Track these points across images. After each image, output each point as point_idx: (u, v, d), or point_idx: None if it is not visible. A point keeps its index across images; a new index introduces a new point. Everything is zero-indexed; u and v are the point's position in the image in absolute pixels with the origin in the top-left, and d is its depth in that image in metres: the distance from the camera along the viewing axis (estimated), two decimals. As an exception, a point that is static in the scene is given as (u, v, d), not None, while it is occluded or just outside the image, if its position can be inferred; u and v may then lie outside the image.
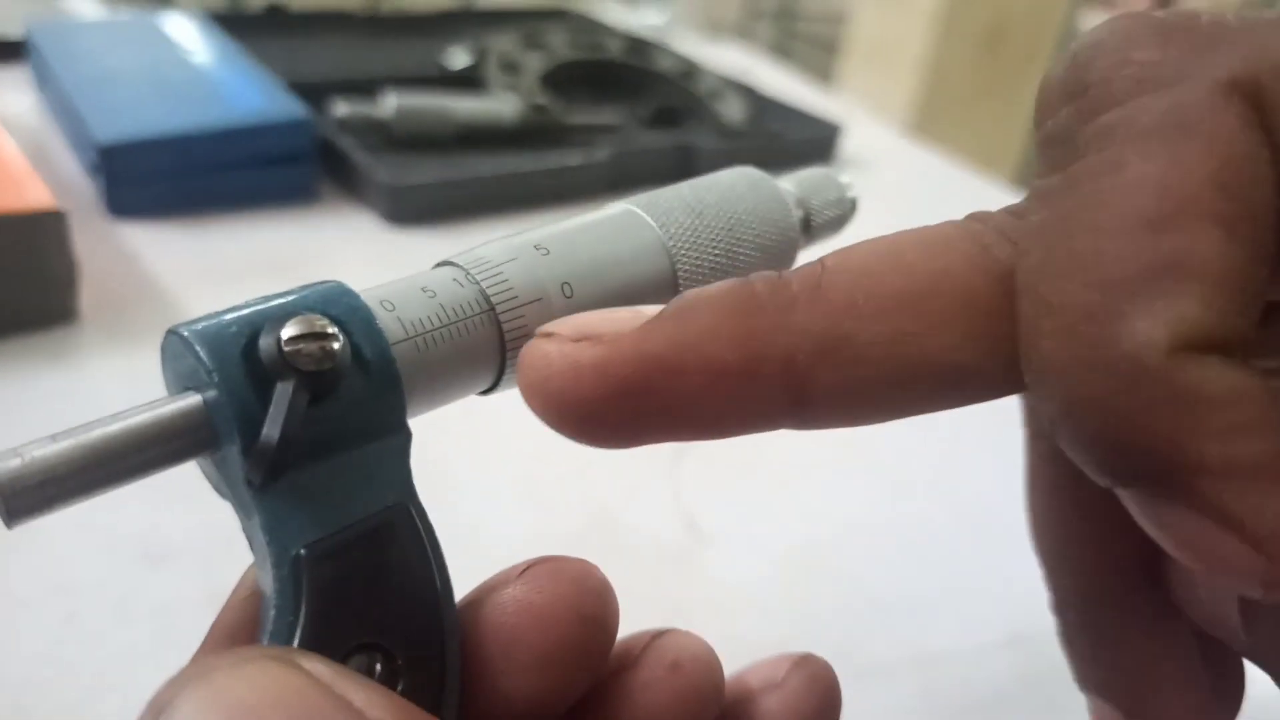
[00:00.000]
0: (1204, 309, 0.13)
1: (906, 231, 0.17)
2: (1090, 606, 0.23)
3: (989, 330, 0.15)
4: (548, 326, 0.17)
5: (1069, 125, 0.15)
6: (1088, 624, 0.23)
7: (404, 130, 0.66)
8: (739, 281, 0.16)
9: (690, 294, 0.16)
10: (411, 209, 0.61)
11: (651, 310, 0.16)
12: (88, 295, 0.48)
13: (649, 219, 0.21)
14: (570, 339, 0.16)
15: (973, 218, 0.17)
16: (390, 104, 0.65)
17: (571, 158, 0.66)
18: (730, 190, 0.22)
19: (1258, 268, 0.14)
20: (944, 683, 0.35)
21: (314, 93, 0.66)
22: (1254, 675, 0.22)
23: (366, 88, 0.68)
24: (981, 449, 0.46)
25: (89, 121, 0.56)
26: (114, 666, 0.32)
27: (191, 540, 0.36)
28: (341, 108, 0.65)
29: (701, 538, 0.40)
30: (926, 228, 0.17)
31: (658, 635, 0.20)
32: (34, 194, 0.45)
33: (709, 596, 0.37)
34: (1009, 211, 0.17)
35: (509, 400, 0.21)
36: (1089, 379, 0.14)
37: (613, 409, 0.16)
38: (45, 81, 0.66)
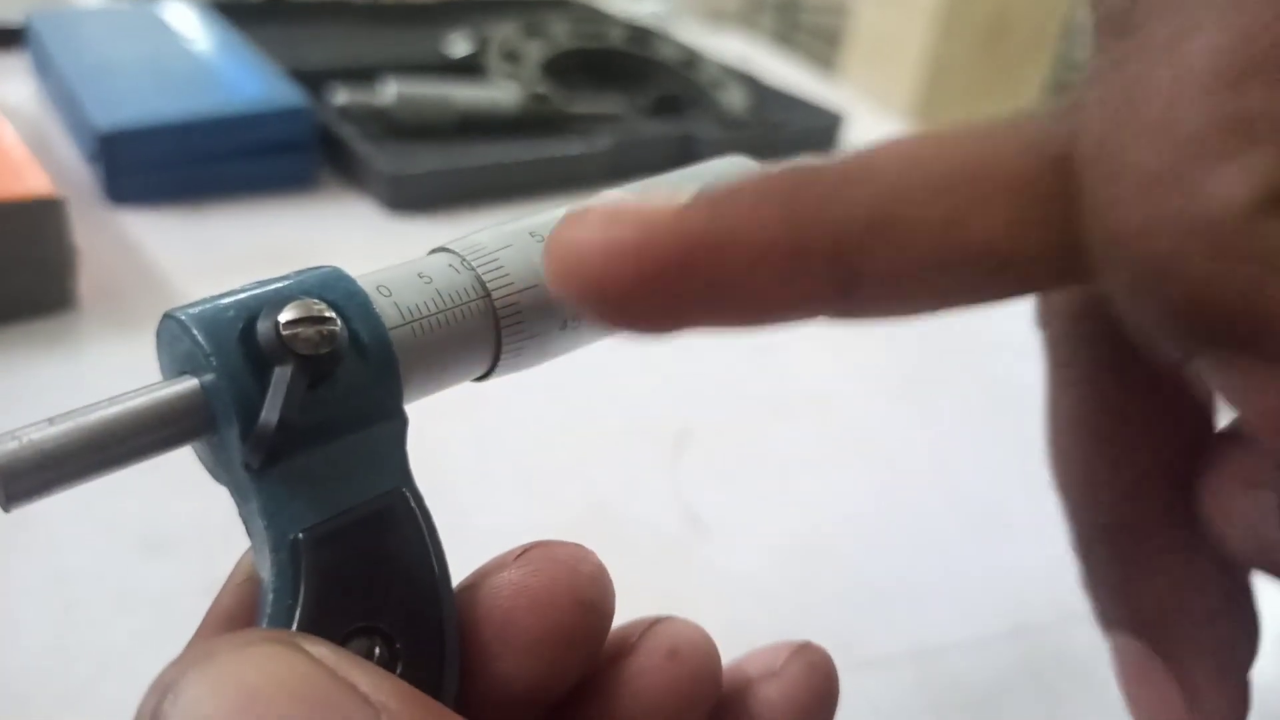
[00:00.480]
0: None
1: (956, 123, 0.16)
2: (1116, 539, 0.22)
3: (1041, 215, 0.15)
4: (577, 210, 0.16)
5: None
6: (1115, 557, 0.22)
7: (404, 118, 0.65)
8: (782, 164, 0.16)
9: (738, 177, 0.16)
10: (412, 197, 0.61)
11: (688, 194, 0.16)
12: (87, 282, 0.48)
13: None
14: (605, 220, 0.15)
15: (1021, 111, 0.16)
16: (390, 92, 0.65)
17: (573, 147, 0.66)
18: (722, 178, 0.22)
19: None
20: (944, 674, 0.35)
21: (314, 80, 0.66)
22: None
23: (367, 75, 0.68)
24: (982, 440, 0.46)
25: (89, 109, 0.56)
26: (113, 655, 0.32)
27: (190, 529, 0.36)
28: (342, 96, 0.65)
29: (701, 528, 0.40)
30: (977, 120, 0.16)
31: (655, 622, 0.20)
32: (33, 181, 0.45)
33: (708, 587, 0.37)
34: (1060, 104, 0.16)
35: (507, 389, 0.21)
36: (1166, 242, 0.13)
37: (652, 291, 0.15)
38: (45, 69, 0.66)
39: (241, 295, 0.16)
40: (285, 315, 0.15)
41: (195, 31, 0.69)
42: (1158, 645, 0.22)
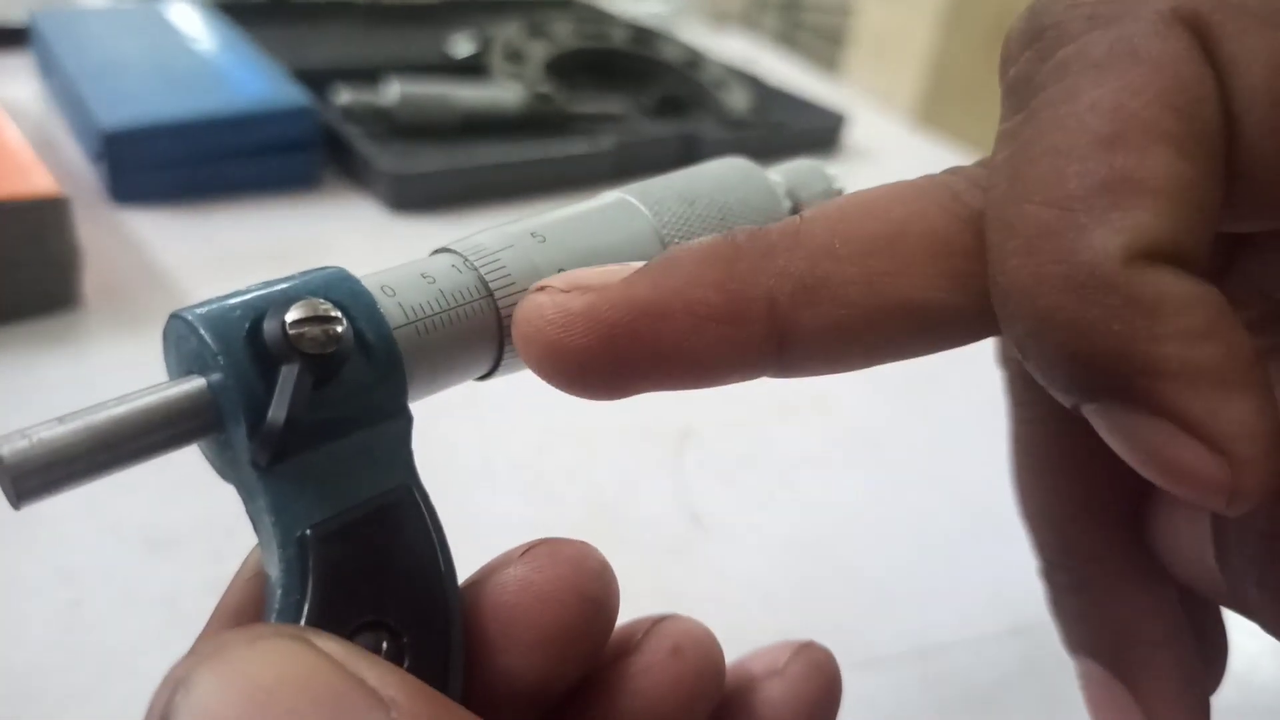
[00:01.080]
0: (1158, 220, 0.14)
1: (882, 185, 0.17)
2: (1076, 566, 0.23)
3: (959, 269, 0.16)
4: (541, 282, 0.17)
5: (1029, 69, 0.16)
6: (1075, 585, 0.23)
7: (407, 118, 0.66)
8: (720, 234, 0.17)
9: (675, 247, 0.17)
10: (415, 197, 0.61)
11: (640, 264, 0.17)
12: (91, 281, 0.48)
13: (643, 207, 0.21)
14: (562, 290, 0.17)
15: (947, 171, 0.18)
16: (394, 92, 0.65)
17: (575, 147, 0.66)
18: (722, 180, 0.22)
19: (1207, 184, 0.15)
20: (945, 673, 0.35)
21: (317, 80, 0.66)
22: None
23: (370, 76, 0.68)
24: (983, 440, 0.46)
25: (93, 108, 0.56)
26: (119, 652, 0.32)
27: (194, 527, 0.36)
28: (345, 95, 0.65)
29: (703, 528, 0.40)
30: (902, 181, 0.17)
31: (659, 620, 0.20)
32: (38, 180, 0.45)
33: (710, 587, 0.37)
34: (980, 163, 0.18)
35: (511, 389, 0.21)
36: (1051, 293, 0.14)
37: (603, 355, 0.17)
38: (49, 69, 0.66)
39: (248, 295, 0.16)
40: (291, 315, 0.15)
41: (199, 31, 0.69)
42: (1118, 669, 0.23)
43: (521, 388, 0.20)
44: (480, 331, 0.18)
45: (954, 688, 0.34)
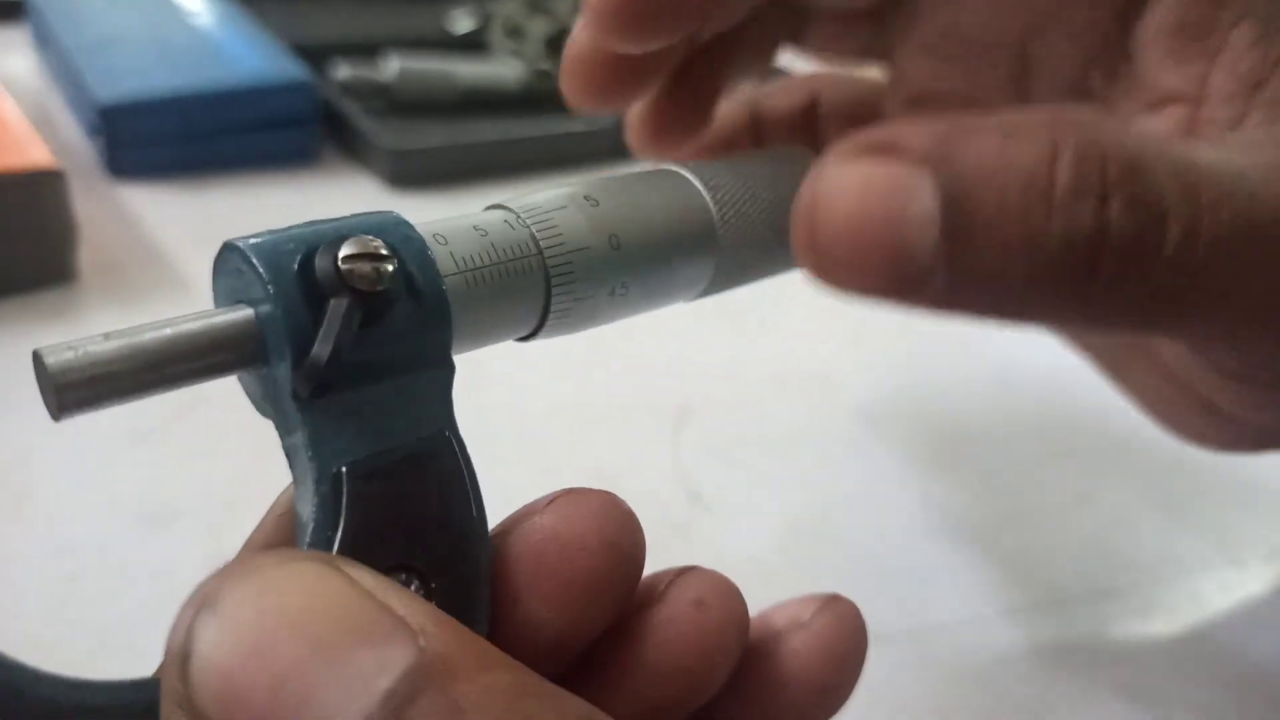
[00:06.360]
0: None
1: None
2: None
3: None
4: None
5: None
6: None
7: (406, 94, 0.65)
8: None
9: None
10: (413, 173, 0.60)
11: None
12: (87, 255, 0.48)
13: (696, 181, 0.21)
14: None
15: None
16: (393, 67, 0.65)
17: (575, 124, 0.66)
18: (779, 166, 0.23)
19: None
20: (943, 652, 0.35)
21: (316, 55, 0.66)
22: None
23: (369, 51, 0.68)
24: (985, 420, 0.46)
25: (89, 82, 0.56)
26: (115, 627, 0.32)
27: (192, 502, 0.36)
28: (344, 71, 0.64)
29: (702, 505, 0.40)
30: None
31: (682, 572, 0.20)
32: (34, 153, 0.45)
33: (709, 563, 0.37)
34: None
35: (509, 364, 0.21)
36: None
37: None
38: (45, 42, 0.66)
39: (302, 230, 0.16)
40: (344, 250, 0.16)
41: (197, 4, 0.69)
42: None
43: (520, 364, 0.20)
44: (528, 289, 0.18)
45: (952, 667, 0.35)
